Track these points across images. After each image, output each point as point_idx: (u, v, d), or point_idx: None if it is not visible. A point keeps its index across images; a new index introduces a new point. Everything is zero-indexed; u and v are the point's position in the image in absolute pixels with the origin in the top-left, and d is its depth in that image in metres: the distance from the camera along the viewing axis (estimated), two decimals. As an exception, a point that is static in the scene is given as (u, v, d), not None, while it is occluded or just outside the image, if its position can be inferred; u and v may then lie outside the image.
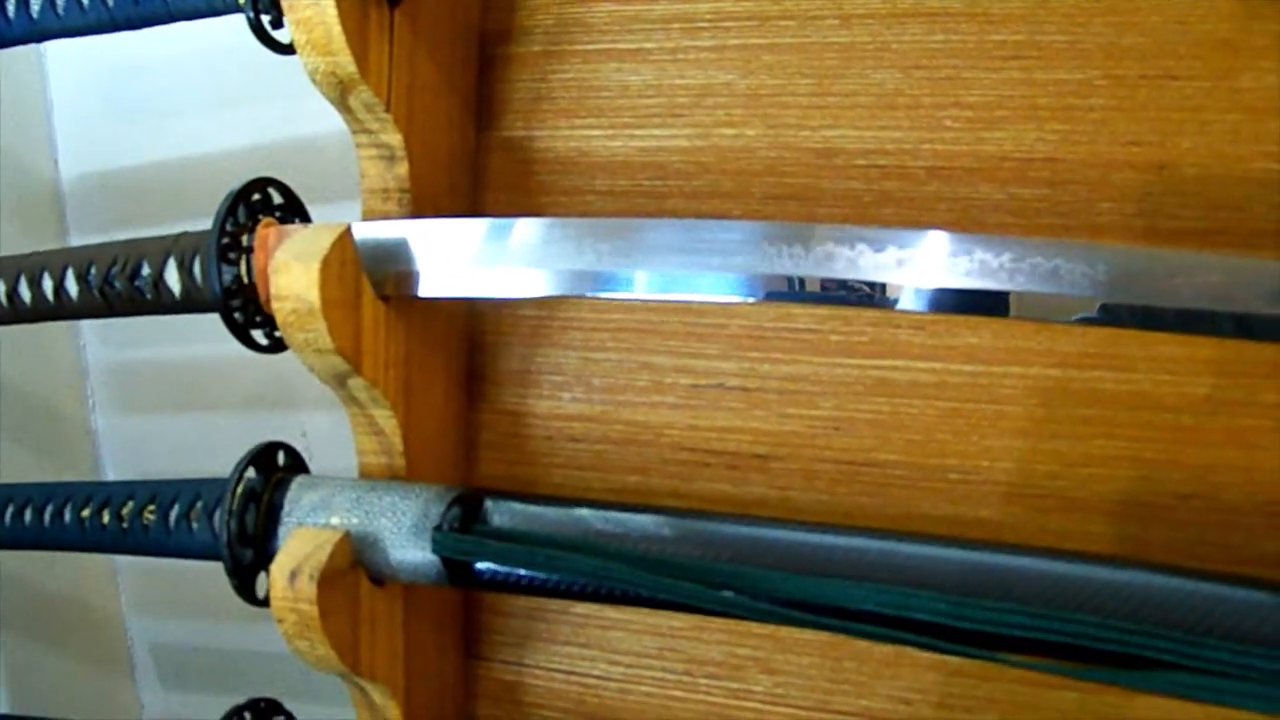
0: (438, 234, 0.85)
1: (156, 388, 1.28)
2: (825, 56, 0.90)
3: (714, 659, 0.94)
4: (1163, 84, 0.86)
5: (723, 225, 0.79)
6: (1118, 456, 0.87)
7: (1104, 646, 0.73)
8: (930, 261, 0.72)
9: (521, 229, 0.83)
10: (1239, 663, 0.71)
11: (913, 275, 0.72)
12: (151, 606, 1.32)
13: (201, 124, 1.18)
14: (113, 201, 1.24)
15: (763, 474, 0.93)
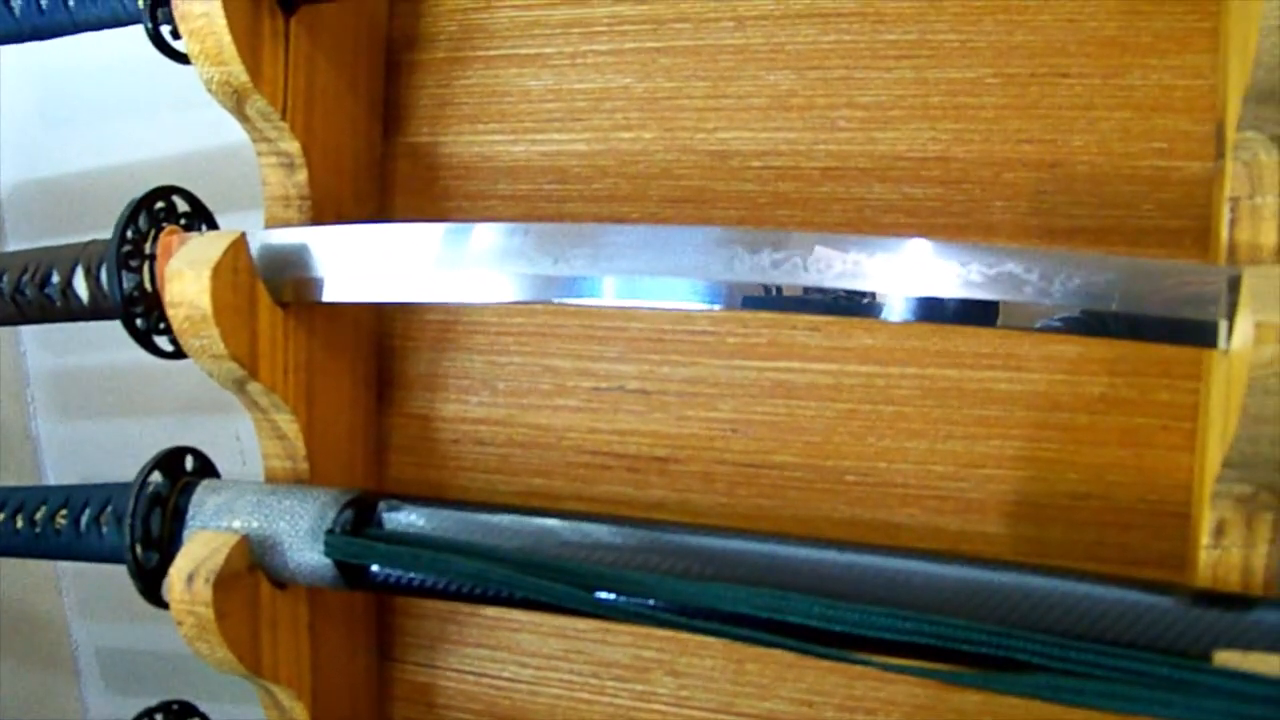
0: (336, 240, 0.85)
1: (97, 393, 1.27)
2: (720, 59, 0.88)
3: (620, 661, 0.93)
4: (1053, 82, 0.84)
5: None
6: (1014, 457, 0.86)
7: (973, 649, 0.72)
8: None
9: (418, 234, 0.82)
10: (1102, 664, 0.70)
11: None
12: (95, 610, 1.31)
13: (139, 130, 1.17)
14: (51, 207, 1.23)
15: (662, 476, 0.91)
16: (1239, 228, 0.74)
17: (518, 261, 0.77)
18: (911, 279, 0.71)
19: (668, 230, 0.76)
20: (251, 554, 0.84)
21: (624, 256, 0.75)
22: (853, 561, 0.76)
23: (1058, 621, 0.72)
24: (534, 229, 0.79)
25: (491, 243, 0.79)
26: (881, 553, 0.76)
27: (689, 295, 0.74)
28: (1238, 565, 0.74)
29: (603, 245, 0.75)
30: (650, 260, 0.75)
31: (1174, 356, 0.81)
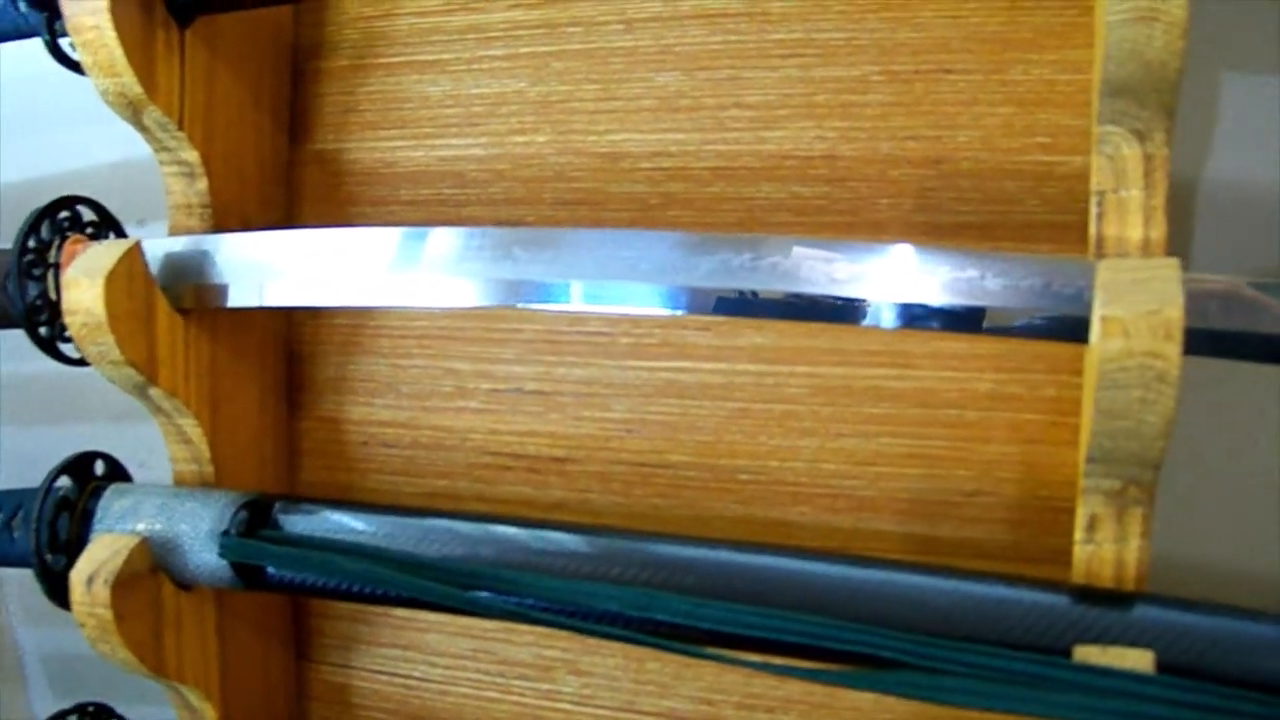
0: (235, 247, 0.85)
1: (42, 400, 1.26)
2: (611, 61, 0.87)
3: (524, 660, 0.91)
4: (937, 78, 0.82)
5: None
6: (904, 454, 0.84)
7: (838, 647, 0.71)
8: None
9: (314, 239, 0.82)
10: (961, 660, 0.68)
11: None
12: (40, 615, 1.29)
13: (61, 142, 1.17)
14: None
15: (561, 476, 0.89)
16: (1106, 221, 0.72)
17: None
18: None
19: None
20: (153, 556, 0.84)
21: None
22: (725, 559, 0.74)
23: (923, 618, 0.71)
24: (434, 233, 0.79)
25: (395, 247, 0.78)
26: (754, 550, 0.74)
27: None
28: (1111, 560, 0.72)
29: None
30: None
31: (1060, 352, 0.79)
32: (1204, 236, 0.90)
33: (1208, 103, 0.88)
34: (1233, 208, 0.89)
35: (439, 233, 0.77)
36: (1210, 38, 0.88)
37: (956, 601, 0.71)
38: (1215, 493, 0.94)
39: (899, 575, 0.73)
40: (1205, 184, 0.89)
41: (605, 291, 0.74)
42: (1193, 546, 0.95)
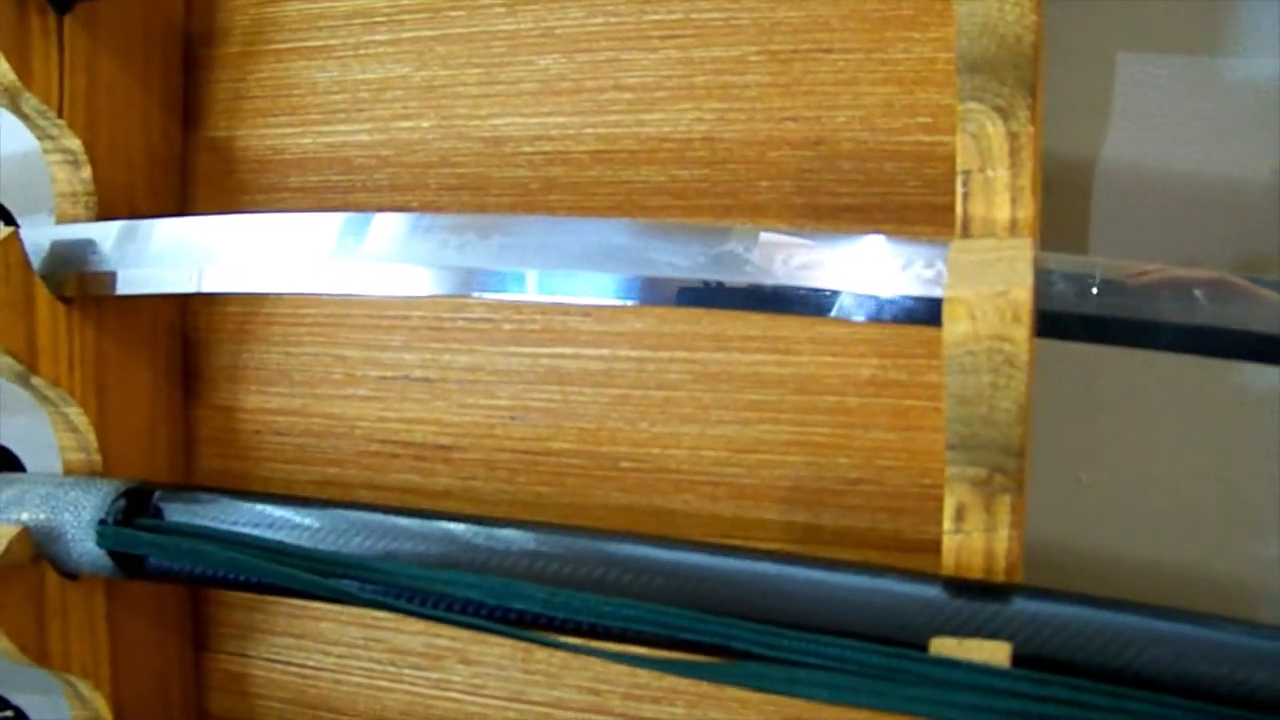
0: (118, 234, 0.82)
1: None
2: (493, 44, 0.83)
3: (415, 649, 0.88)
4: (817, 58, 0.78)
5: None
6: (786, 441, 0.80)
7: (693, 637, 0.67)
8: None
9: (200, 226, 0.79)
10: (814, 652, 0.65)
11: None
12: None
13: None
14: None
15: (447, 464, 0.85)
16: (972, 202, 0.68)
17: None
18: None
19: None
20: (35, 545, 0.81)
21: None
22: (586, 547, 0.71)
23: (783, 609, 0.67)
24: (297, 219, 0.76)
25: (303, 233, 0.75)
26: (615, 538, 0.71)
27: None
28: (980, 550, 0.69)
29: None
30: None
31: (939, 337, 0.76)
32: (1101, 218, 0.86)
33: (1105, 83, 0.84)
34: (1132, 189, 0.85)
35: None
36: (1106, 18, 0.84)
37: (818, 592, 0.68)
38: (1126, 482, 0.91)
39: (761, 564, 0.69)
40: (1103, 165, 0.85)
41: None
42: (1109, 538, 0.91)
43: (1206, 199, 0.85)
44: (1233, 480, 0.89)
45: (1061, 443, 0.90)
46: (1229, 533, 0.90)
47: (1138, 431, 0.89)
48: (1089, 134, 0.85)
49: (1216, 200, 0.84)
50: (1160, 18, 0.83)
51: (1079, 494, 0.90)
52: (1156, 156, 0.84)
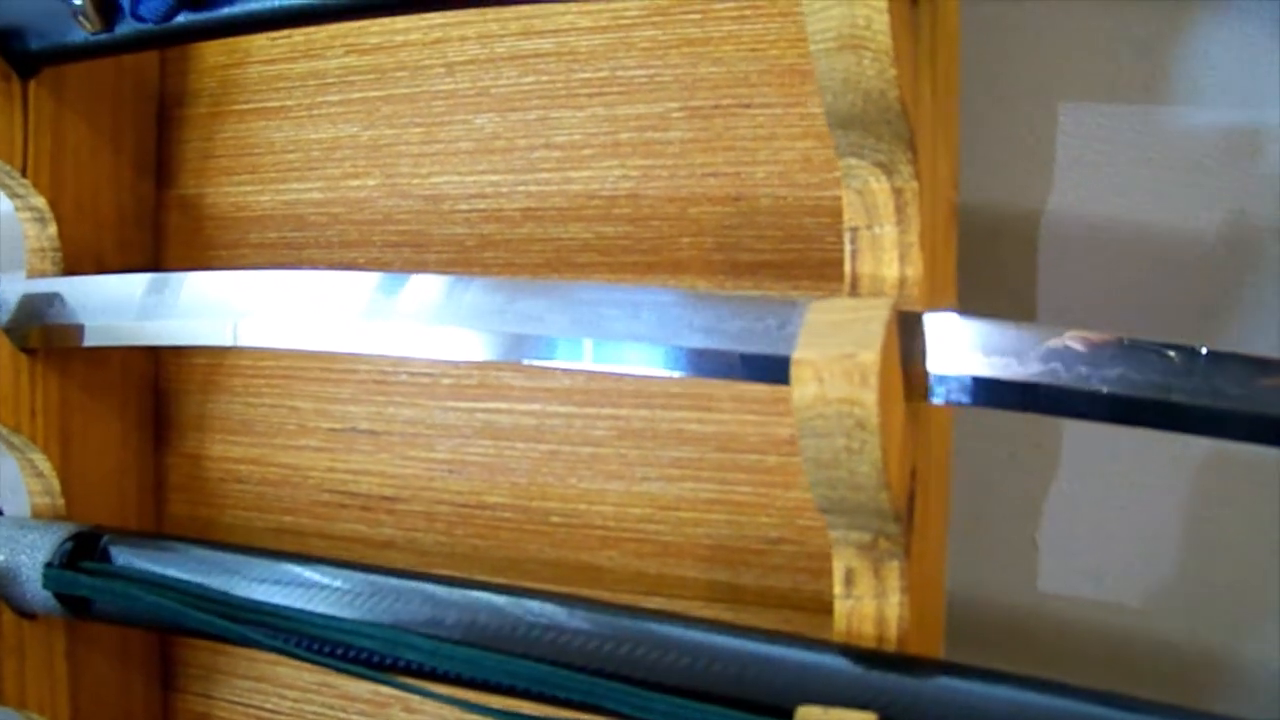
0: (81, 289, 0.85)
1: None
2: (433, 104, 0.84)
3: (363, 696, 0.88)
4: (737, 113, 0.77)
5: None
6: (708, 499, 0.79)
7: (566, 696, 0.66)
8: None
9: (150, 282, 0.82)
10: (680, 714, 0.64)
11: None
12: None
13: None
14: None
15: (391, 515, 0.86)
16: (860, 259, 0.66)
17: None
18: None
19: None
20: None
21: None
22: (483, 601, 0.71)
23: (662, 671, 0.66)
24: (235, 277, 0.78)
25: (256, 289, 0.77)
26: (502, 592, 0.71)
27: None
28: (871, 616, 0.66)
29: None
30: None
31: (858, 395, 0.74)
32: (1049, 270, 0.83)
33: (1049, 133, 0.82)
34: (1079, 239, 0.82)
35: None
36: (1048, 67, 0.81)
37: (696, 654, 0.66)
38: (1082, 543, 0.87)
39: (641, 623, 0.68)
40: (1049, 215, 0.82)
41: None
42: (1065, 599, 0.88)
43: (1154, 249, 0.81)
44: (1188, 539, 0.85)
45: (1016, 504, 0.87)
46: (1187, 594, 0.86)
47: (1093, 492, 0.86)
48: (1035, 185, 0.82)
49: (1164, 250, 0.81)
50: (1102, 66, 0.80)
51: (1034, 555, 0.87)
52: (1103, 206, 0.81)
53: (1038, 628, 0.88)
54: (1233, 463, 0.84)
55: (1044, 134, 0.82)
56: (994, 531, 0.87)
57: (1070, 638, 0.88)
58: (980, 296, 0.83)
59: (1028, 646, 0.88)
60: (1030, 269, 0.83)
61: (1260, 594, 0.86)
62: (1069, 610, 0.88)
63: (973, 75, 0.82)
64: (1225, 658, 0.87)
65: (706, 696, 0.64)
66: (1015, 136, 0.82)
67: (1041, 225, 0.83)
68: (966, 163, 0.82)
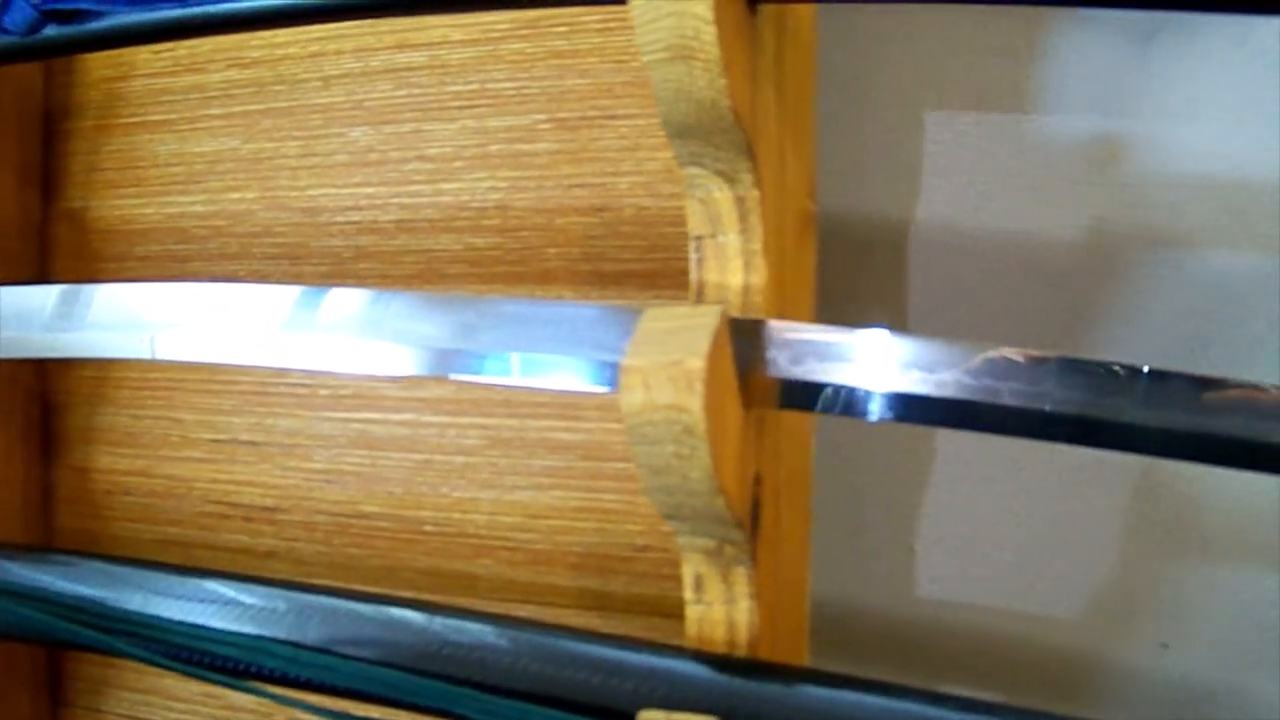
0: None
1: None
2: (310, 118, 0.83)
3: (247, 706, 0.87)
4: (602, 124, 0.77)
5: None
6: (577, 508, 0.78)
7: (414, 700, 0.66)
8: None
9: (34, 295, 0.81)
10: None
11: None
12: None
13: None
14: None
15: (272, 525, 0.85)
16: (706, 268, 0.66)
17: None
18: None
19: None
20: None
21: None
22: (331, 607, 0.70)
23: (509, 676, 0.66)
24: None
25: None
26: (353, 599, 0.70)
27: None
28: (722, 621, 0.66)
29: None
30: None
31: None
32: (918, 279, 0.84)
33: (915, 143, 0.82)
34: (947, 249, 0.83)
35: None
36: (915, 77, 0.82)
37: (544, 657, 0.66)
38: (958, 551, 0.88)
39: (490, 628, 0.68)
40: (918, 225, 0.83)
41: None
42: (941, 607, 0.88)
43: (1021, 257, 0.82)
44: (1065, 544, 0.85)
45: (892, 510, 0.87)
46: (1064, 598, 0.86)
47: (969, 497, 0.86)
48: (902, 195, 0.83)
49: (1030, 258, 0.81)
50: (968, 75, 0.81)
51: (911, 563, 0.87)
52: (970, 215, 0.82)
53: (916, 634, 0.88)
54: (1108, 467, 0.84)
55: (911, 143, 0.82)
56: (870, 539, 0.88)
57: (948, 644, 0.88)
58: (851, 305, 0.84)
59: (906, 653, 0.88)
60: (900, 277, 0.83)
61: (1137, 598, 0.86)
62: (947, 616, 0.88)
63: (839, 85, 0.83)
64: (1103, 662, 0.87)
65: (549, 700, 0.63)
66: (883, 146, 0.83)
67: (911, 234, 0.83)
68: (835, 173, 0.82)
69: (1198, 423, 0.56)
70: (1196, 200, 0.79)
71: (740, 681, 0.63)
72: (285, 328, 0.71)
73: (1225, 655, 0.85)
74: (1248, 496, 0.83)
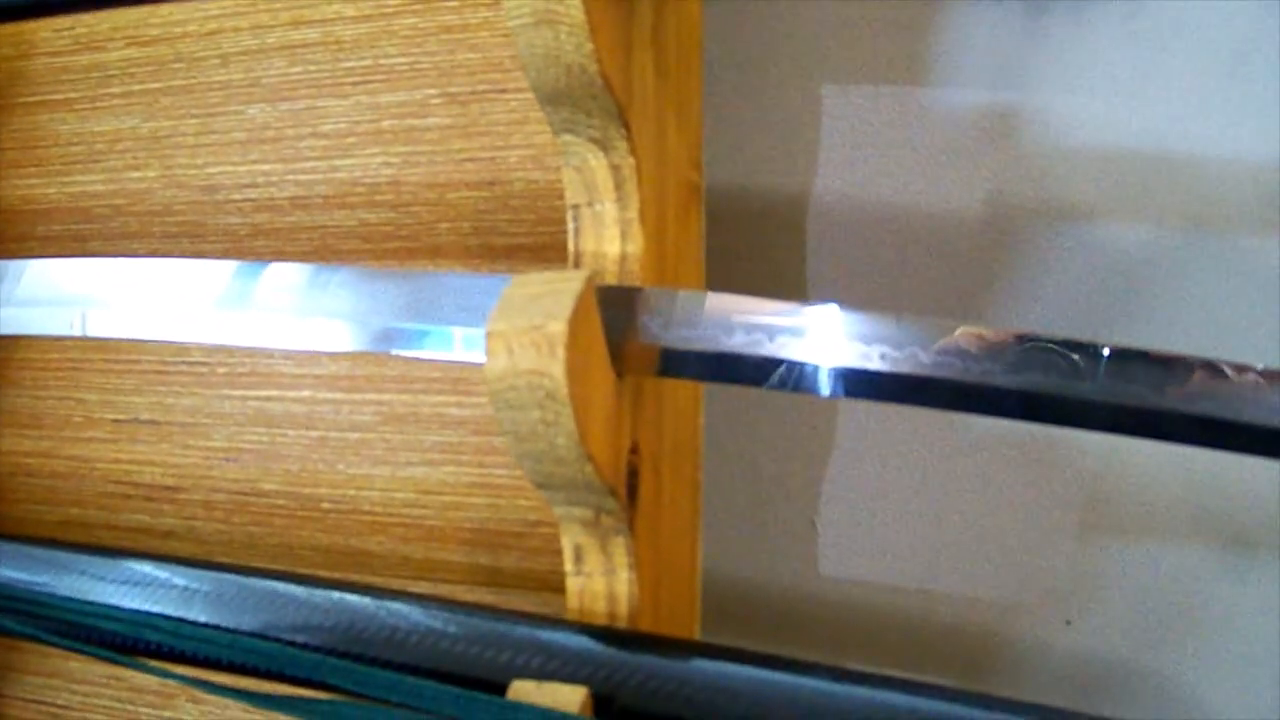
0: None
1: None
2: (209, 95, 0.82)
3: (151, 688, 0.86)
4: (492, 98, 0.76)
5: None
6: (469, 483, 0.77)
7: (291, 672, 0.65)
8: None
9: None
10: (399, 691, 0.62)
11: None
12: None
13: None
14: None
15: (173, 504, 0.84)
16: (583, 237, 0.65)
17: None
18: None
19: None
20: None
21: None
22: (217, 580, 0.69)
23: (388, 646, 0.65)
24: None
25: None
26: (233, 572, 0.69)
27: None
28: (602, 593, 0.65)
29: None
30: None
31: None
32: (816, 253, 0.83)
33: (812, 117, 0.81)
34: (844, 222, 0.82)
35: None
36: (810, 51, 0.81)
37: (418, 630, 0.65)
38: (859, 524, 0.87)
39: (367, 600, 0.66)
40: (815, 199, 0.82)
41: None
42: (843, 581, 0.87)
43: (918, 230, 0.81)
44: (966, 519, 0.84)
45: (794, 486, 0.86)
46: (966, 573, 0.85)
47: (870, 473, 0.85)
48: (799, 169, 0.82)
49: (928, 231, 0.81)
50: (863, 49, 0.80)
51: (813, 537, 0.86)
52: (867, 189, 0.81)
53: (818, 611, 0.87)
54: (1008, 442, 0.83)
55: (807, 117, 0.81)
56: (771, 515, 0.87)
57: (851, 620, 0.87)
58: (749, 278, 0.83)
59: (809, 630, 0.88)
60: (798, 250, 0.83)
61: (1041, 574, 0.85)
62: (850, 592, 0.87)
63: (734, 60, 0.82)
64: (1006, 638, 0.86)
65: (422, 672, 0.62)
66: (779, 121, 0.82)
67: (808, 208, 0.82)
68: (732, 148, 0.82)
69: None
70: (1093, 172, 0.79)
71: (616, 652, 0.62)
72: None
73: (1129, 632, 0.85)
74: (1151, 471, 0.82)
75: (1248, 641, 0.83)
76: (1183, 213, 0.76)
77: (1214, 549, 0.82)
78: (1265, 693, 0.82)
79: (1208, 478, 0.81)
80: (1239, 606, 0.82)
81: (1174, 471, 0.82)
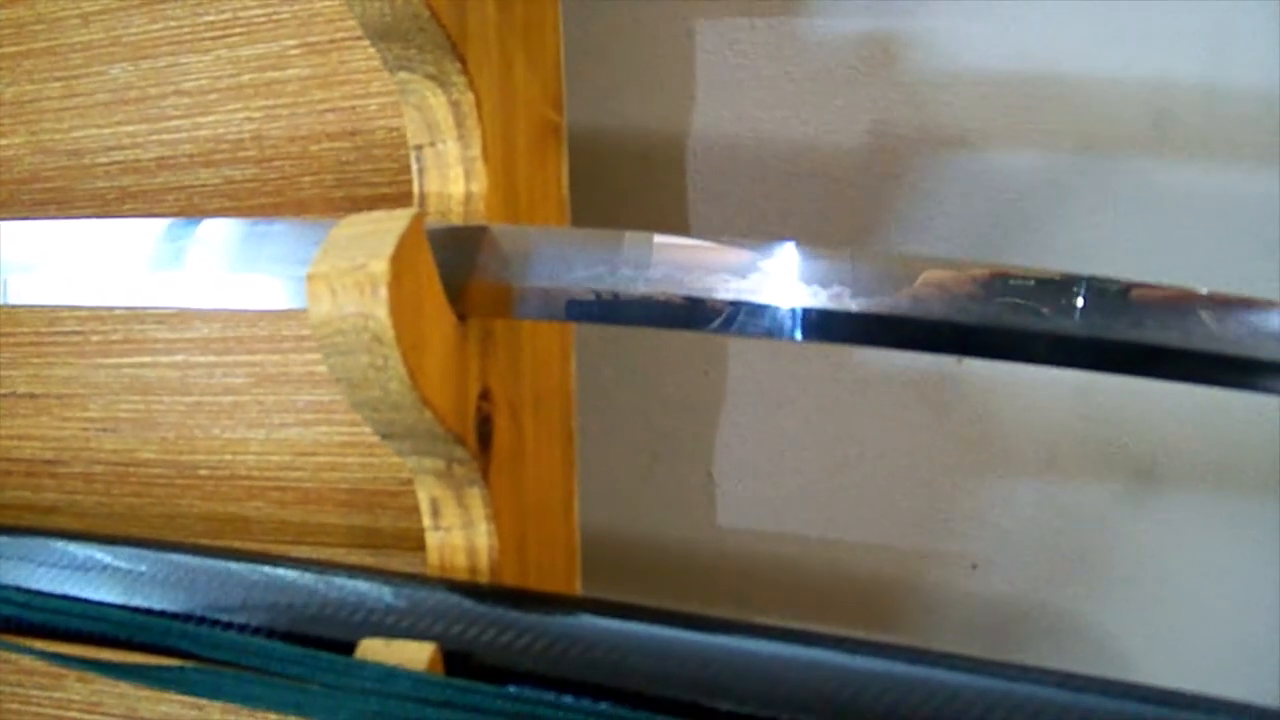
0: None
1: None
2: (71, 57, 0.78)
3: (40, 670, 0.82)
4: (350, 46, 0.72)
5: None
6: (342, 443, 0.74)
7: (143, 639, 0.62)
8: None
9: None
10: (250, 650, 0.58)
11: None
12: None
13: None
14: None
15: (53, 479, 0.80)
16: (428, 178, 0.62)
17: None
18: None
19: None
20: None
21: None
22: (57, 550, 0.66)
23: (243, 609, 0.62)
24: None
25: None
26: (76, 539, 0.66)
27: None
28: (463, 548, 0.62)
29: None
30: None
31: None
32: (698, 191, 0.79)
33: (687, 54, 0.77)
34: (725, 159, 0.78)
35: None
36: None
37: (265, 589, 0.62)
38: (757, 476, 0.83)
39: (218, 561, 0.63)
40: (695, 137, 0.78)
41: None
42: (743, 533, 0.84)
43: (799, 164, 0.77)
44: (864, 465, 0.81)
45: (689, 438, 0.83)
46: (867, 521, 0.82)
47: (765, 421, 0.81)
48: (677, 105, 0.78)
49: (810, 165, 0.77)
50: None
51: (710, 490, 0.83)
52: (746, 124, 0.78)
53: (719, 564, 0.84)
54: (902, 384, 0.80)
55: (683, 53, 0.77)
56: (670, 468, 0.83)
57: (754, 572, 0.84)
58: (630, 218, 0.79)
59: (710, 583, 0.84)
60: (680, 189, 0.79)
61: (939, 518, 0.82)
62: (749, 544, 0.84)
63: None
64: (911, 584, 0.83)
65: (276, 634, 0.59)
66: (655, 57, 0.78)
67: (687, 145, 0.79)
68: (607, 87, 0.78)
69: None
70: (977, 97, 0.75)
71: (472, 606, 0.59)
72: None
73: (1035, 573, 0.82)
74: (1051, 407, 0.79)
75: (1155, 578, 0.79)
76: (1069, 135, 0.73)
77: (1117, 485, 0.78)
78: (1174, 627, 0.79)
79: (1110, 412, 0.78)
80: (1144, 542, 0.79)
81: (1075, 406, 0.78)
